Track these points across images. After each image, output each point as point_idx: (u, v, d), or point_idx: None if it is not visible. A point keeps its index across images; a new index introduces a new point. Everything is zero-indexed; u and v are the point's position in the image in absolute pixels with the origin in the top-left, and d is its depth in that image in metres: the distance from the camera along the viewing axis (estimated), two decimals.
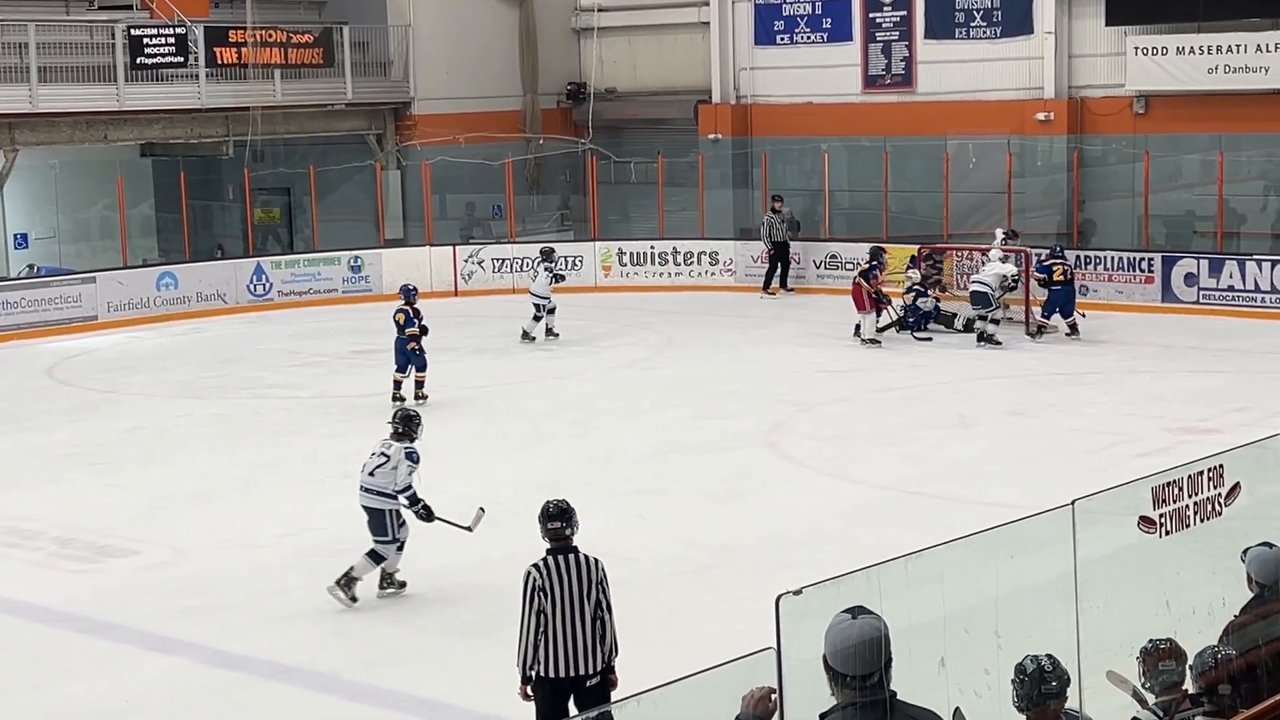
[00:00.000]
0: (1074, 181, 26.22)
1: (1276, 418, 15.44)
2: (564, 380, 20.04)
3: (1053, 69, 26.47)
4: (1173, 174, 25.91)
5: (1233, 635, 6.64)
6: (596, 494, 14.58)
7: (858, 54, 28.75)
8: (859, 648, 4.89)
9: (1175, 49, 25.10)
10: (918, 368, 20.44)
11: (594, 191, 29.51)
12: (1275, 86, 24.42)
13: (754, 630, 5.32)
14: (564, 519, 8.63)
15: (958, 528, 5.94)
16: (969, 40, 27.51)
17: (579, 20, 32.40)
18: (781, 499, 14.38)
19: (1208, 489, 6.12)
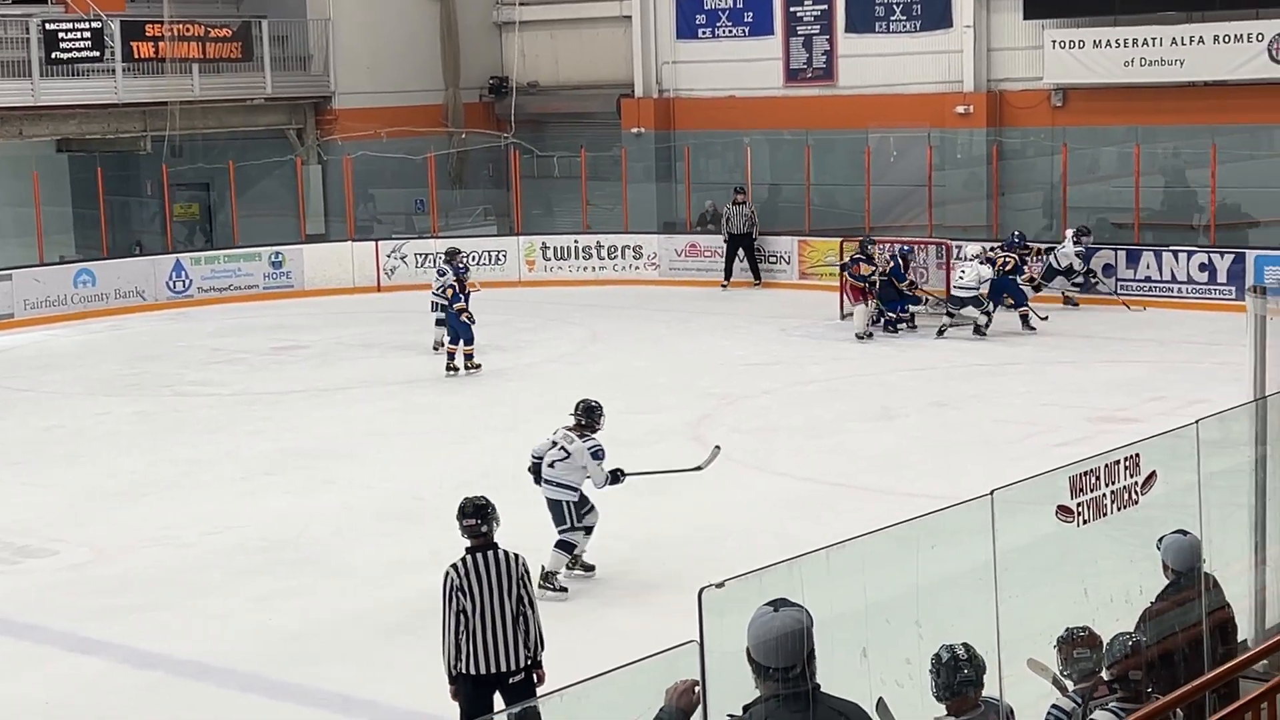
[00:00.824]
0: (993, 174, 26.45)
1: (1193, 407, 15.63)
2: (490, 376, 19.98)
3: (972, 62, 26.69)
4: (1090, 166, 26.20)
5: (1149, 623, 6.75)
6: (523, 489, 14.57)
7: (779, 48, 28.86)
8: (781, 640, 4.91)
9: (1092, 42, 25.38)
10: (841, 360, 20.55)
11: (517, 186, 29.46)
12: (1190, 79, 24.74)
13: (678, 623, 5.34)
14: (479, 516, 8.59)
15: (882, 519, 5.98)
16: (889, 34, 27.68)
17: (500, 14, 32.32)
18: (706, 492, 14.39)
19: (1124, 478, 6.20)
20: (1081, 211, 25.46)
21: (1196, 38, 24.51)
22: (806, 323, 23.19)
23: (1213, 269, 23.27)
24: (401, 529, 13.52)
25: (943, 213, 26.49)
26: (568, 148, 30.26)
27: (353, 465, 15.77)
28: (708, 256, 27.43)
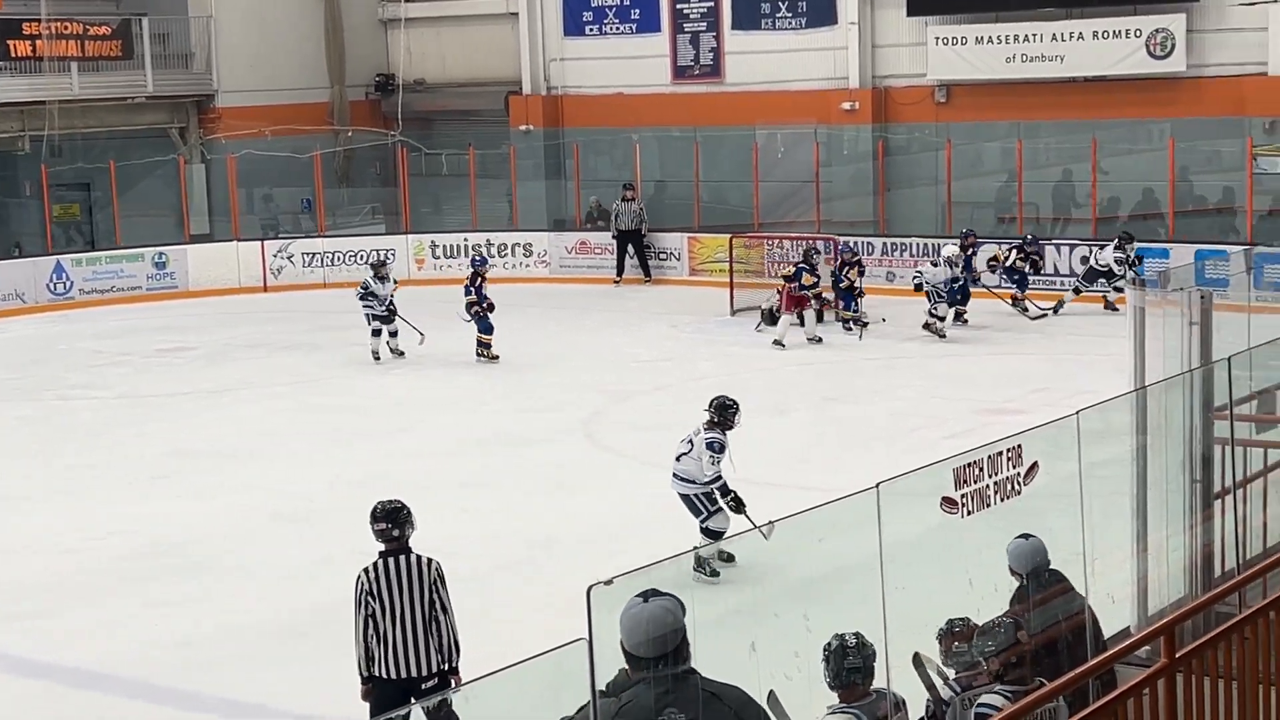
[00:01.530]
0: (879, 170, 26.72)
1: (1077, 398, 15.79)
2: (382, 375, 19.85)
3: (857, 59, 26.93)
4: (974, 161, 26.53)
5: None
6: (417, 489, 14.41)
7: (666, 45, 28.93)
8: (650, 629, 4.96)
9: (974, 39, 25.71)
10: (733, 356, 20.64)
11: (405, 184, 29.28)
12: (1071, 75, 25.15)
13: (574, 621, 5.34)
14: (390, 520, 8.44)
15: (775, 514, 6.02)
16: (775, 31, 27.85)
17: (385, 11, 32.10)
18: (600, 490, 14.44)
19: (1007, 469, 6.29)
20: (966, 206, 25.79)
21: (1076, 34, 24.92)
22: (698, 319, 23.28)
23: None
24: (293, 532, 13.39)
25: (830, 208, 26.70)
26: (456, 145, 30.14)
27: (243, 467, 15.59)
28: (598, 254, 27.45)
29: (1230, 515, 8.19)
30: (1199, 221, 24.19)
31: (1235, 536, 8.13)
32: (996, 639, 6.31)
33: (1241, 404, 8.40)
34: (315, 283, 27.15)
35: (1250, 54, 23.97)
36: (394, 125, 31.40)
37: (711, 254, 26.30)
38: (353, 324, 23.44)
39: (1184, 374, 7.97)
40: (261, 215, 29.80)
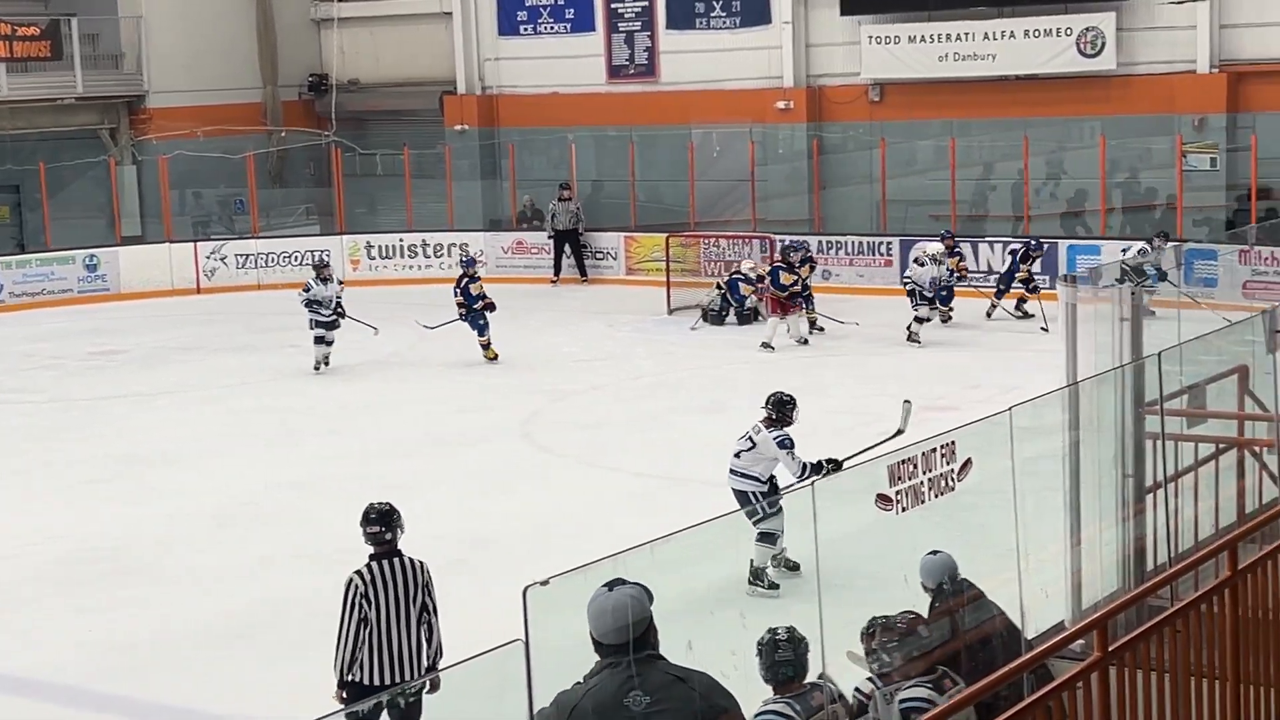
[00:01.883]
0: (814, 168, 26.82)
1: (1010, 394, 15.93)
2: (316, 377, 19.74)
3: (791, 58, 27.02)
4: (908, 159, 26.69)
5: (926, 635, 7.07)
6: (352, 491, 14.40)
7: (601, 44, 28.93)
8: (615, 617, 5.07)
9: (907, 38, 25.85)
10: (670, 354, 20.67)
11: (339, 184, 29.12)
12: (1003, 73, 25.34)
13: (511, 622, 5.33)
14: (384, 522, 8.36)
15: (711, 511, 6.04)
16: (709, 30, 27.91)
17: (318, 11, 31.92)
18: (538, 489, 14.42)
19: (941, 465, 6.33)
20: (900, 204, 25.94)
21: (1008, 33, 25.11)
22: (635, 318, 23.30)
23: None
24: (230, 535, 13.30)
25: (765, 207, 26.78)
26: (390, 145, 30.03)
27: (178, 471, 15.46)
28: (534, 254, 27.41)
29: (1162, 509, 8.28)
30: (1131, 218, 24.44)
31: (1167, 530, 8.22)
32: (898, 636, 6.34)
33: (1172, 399, 8.48)
34: (249, 284, 26.96)
35: (1179, 52, 24.24)
36: (328, 125, 31.23)
37: (648, 253, 26.32)
38: (288, 325, 23.31)
39: (1115, 369, 8.04)
40: (194, 216, 29.57)
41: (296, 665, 9.98)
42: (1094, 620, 5.60)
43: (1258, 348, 8.65)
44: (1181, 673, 5.80)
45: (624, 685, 5.07)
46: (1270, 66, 23.75)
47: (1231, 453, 9.28)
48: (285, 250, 27.46)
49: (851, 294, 24.06)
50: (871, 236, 25.16)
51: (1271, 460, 9.00)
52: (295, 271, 27.13)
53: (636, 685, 5.06)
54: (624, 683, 5.07)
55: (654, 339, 21.79)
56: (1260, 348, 8.62)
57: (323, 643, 8.64)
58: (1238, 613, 6.04)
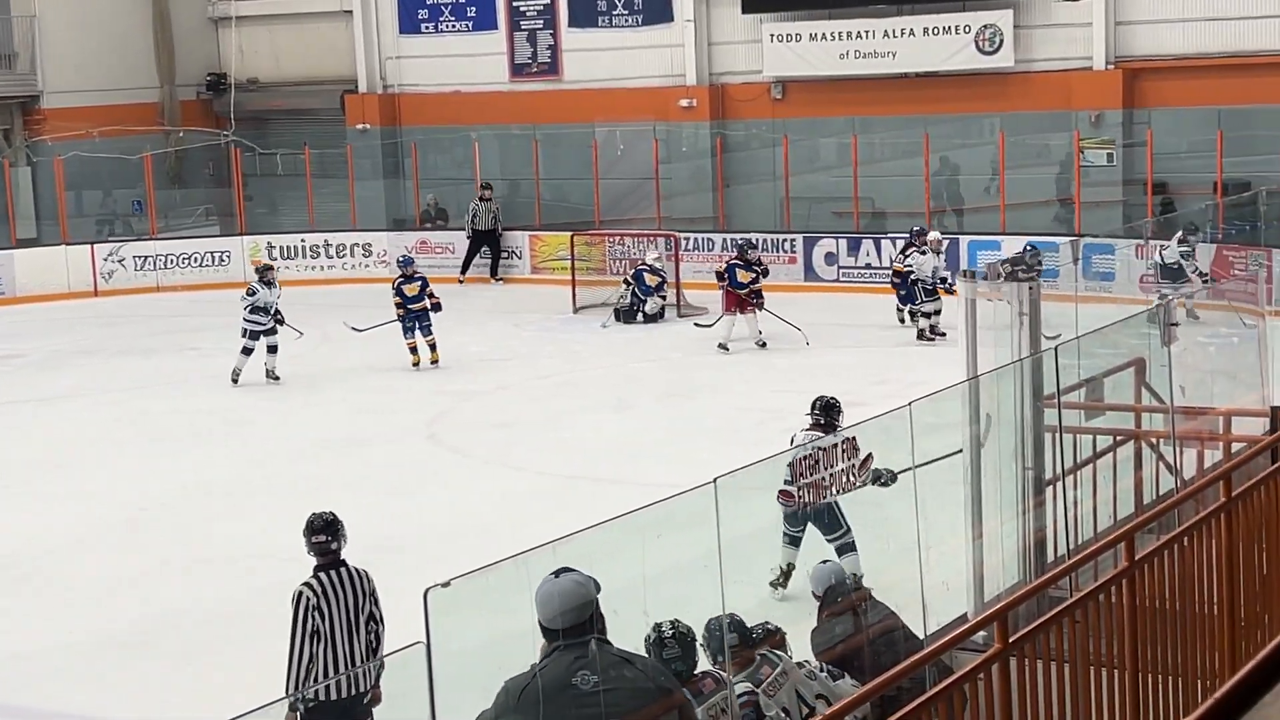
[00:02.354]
0: (718, 166, 26.89)
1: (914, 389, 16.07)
2: (215, 380, 19.48)
3: (693, 56, 27.08)
4: (811, 157, 26.82)
5: (817, 636, 7.25)
6: (252, 494, 14.30)
7: (503, 43, 28.83)
8: (562, 602, 5.15)
9: (808, 35, 25.99)
10: (576, 354, 20.64)
11: (239, 184, 28.80)
12: (903, 70, 25.54)
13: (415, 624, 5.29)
14: (329, 532, 8.17)
15: (617, 509, 6.02)
16: (612, 28, 27.90)
17: (216, 9, 31.56)
18: (444, 491, 14.34)
19: (843, 461, 6.37)
20: (803, 201, 26.05)
21: (908, 30, 25.31)
22: (541, 317, 23.23)
23: None
24: (126, 540, 13.12)
25: (670, 205, 26.82)
26: (291, 145, 29.74)
27: (75, 475, 15.22)
28: (439, 253, 27.25)
29: (1061, 501, 8.37)
30: (1030, 213, 24.72)
31: (1066, 522, 8.31)
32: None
33: (1070, 392, 8.57)
34: (148, 286, 26.59)
35: (1076, 49, 24.55)
36: (227, 125, 30.89)
37: (553, 252, 26.27)
38: (189, 327, 23.08)
39: (1014, 363, 8.12)
40: (99, 216, 29.12)
41: (199, 671, 9.87)
42: (994, 612, 5.65)
43: (1153, 340, 8.77)
44: (1081, 662, 5.86)
45: (572, 665, 5.14)
46: (1165, 63, 24.13)
47: (1129, 444, 9.41)
48: (185, 252, 27.11)
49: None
50: (775, 234, 25.26)
51: (1168, 451, 9.13)
52: (195, 273, 26.84)
53: (584, 665, 5.14)
54: (572, 663, 5.15)
55: (560, 338, 21.75)
56: (1156, 340, 8.74)
57: (225, 648, 8.56)
58: (1135, 602, 6.11)
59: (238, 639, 10.34)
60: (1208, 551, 6.56)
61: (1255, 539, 6.92)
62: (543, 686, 5.15)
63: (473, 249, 26.76)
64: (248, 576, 11.75)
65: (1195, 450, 9.26)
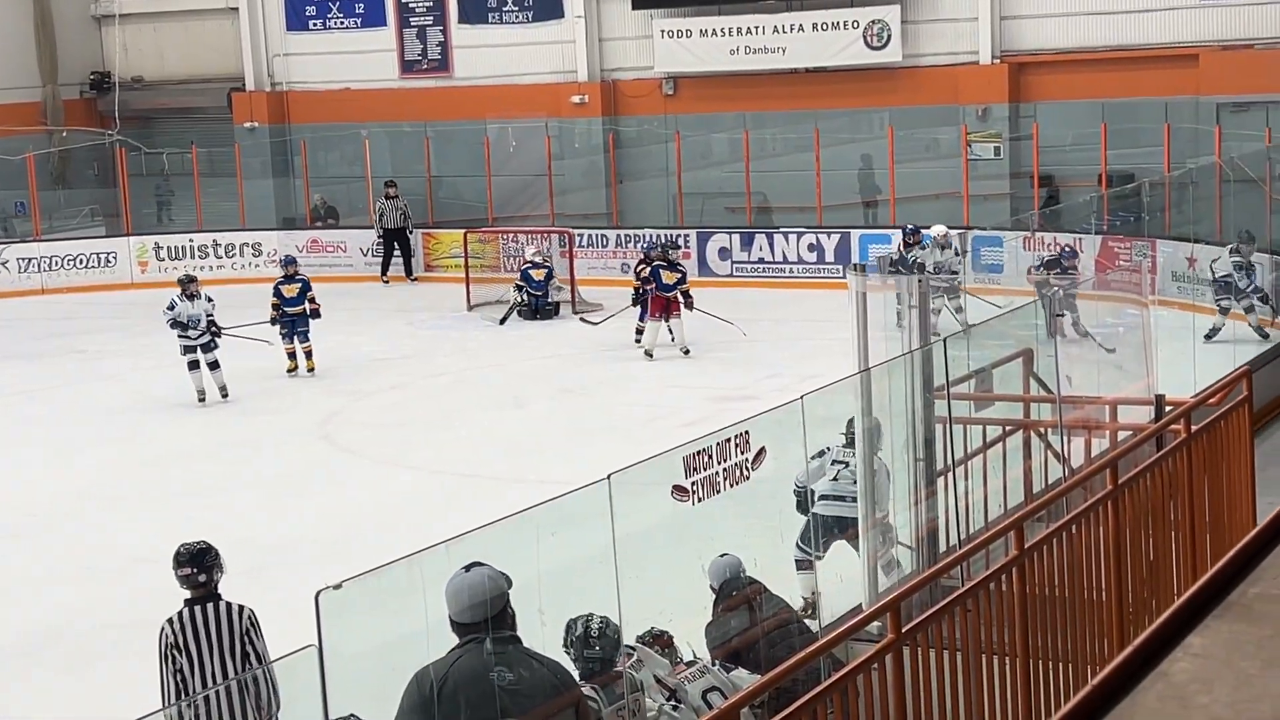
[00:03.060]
0: (611, 162, 26.90)
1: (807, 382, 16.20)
2: (105, 382, 19.18)
3: (585, 53, 27.06)
4: (703, 152, 26.91)
5: (712, 630, 7.18)
6: (145, 498, 14.10)
7: (393, 39, 28.64)
8: (471, 596, 5.15)
9: (699, 31, 26.07)
10: (470, 351, 20.55)
11: (125, 184, 28.36)
12: (793, 66, 25.69)
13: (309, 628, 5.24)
14: (196, 564, 7.47)
15: (512, 507, 6.00)
16: (502, 25, 27.81)
17: (99, 7, 31.04)
18: (339, 491, 14.22)
19: (735, 455, 6.39)
20: (696, 197, 26.13)
21: (797, 26, 25.47)
22: (434, 315, 23.10)
23: (821, 249, 24.22)
24: (13, 547, 12.86)
25: (563, 202, 26.79)
26: (178, 144, 29.33)
27: None
28: (330, 252, 27.01)
29: (952, 492, 8.46)
30: (920, 207, 24.97)
31: (957, 512, 8.40)
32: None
33: (959, 383, 8.67)
34: (33, 289, 26.10)
35: (962, 44, 24.84)
36: (111, 124, 30.42)
37: (446, 250, 26.14)
38: (75, 330, 22.70)
39: (904, 355, 8.19)
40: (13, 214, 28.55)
41: (86, 678, 9.70)
42: (887, 603, 5.69)
43: (1040, 331, 8.88)
44: (973, 650, 5.92)
45: (488, 660, 5.13)
46: (1050, 56, 24.47)
47: (1018, 434, 9.53)
48: (70, 253, 26.64)
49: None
50: (669, 229, 25.31)
51: (1056, 440, 9.26)
52: (81, 274, 26.39)
53: (501, 661, 5.14)
54: (486, 658, 5.14)
55: (454, 336, 21.64)
56: (1043, 331, 8.86)
57: (112, 654, 8.40)
58: (1026, 590, 6.18)
59: (127, 646, 10.18)
60: (1096, 538, 6.66)
61: (1141, 525, 7.03)
62: (459, 683, 5.13)
63: (387, 249, 26.29)
64: (138, 582, 11.57)
65: (1083, 439, 9.40)
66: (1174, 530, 7.31)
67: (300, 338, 18.93)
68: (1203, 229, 19.87)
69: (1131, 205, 21.13)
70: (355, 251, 26.81)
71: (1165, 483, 7.17)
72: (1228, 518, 7.74)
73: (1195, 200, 20.81)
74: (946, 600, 5.90)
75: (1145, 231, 19.80)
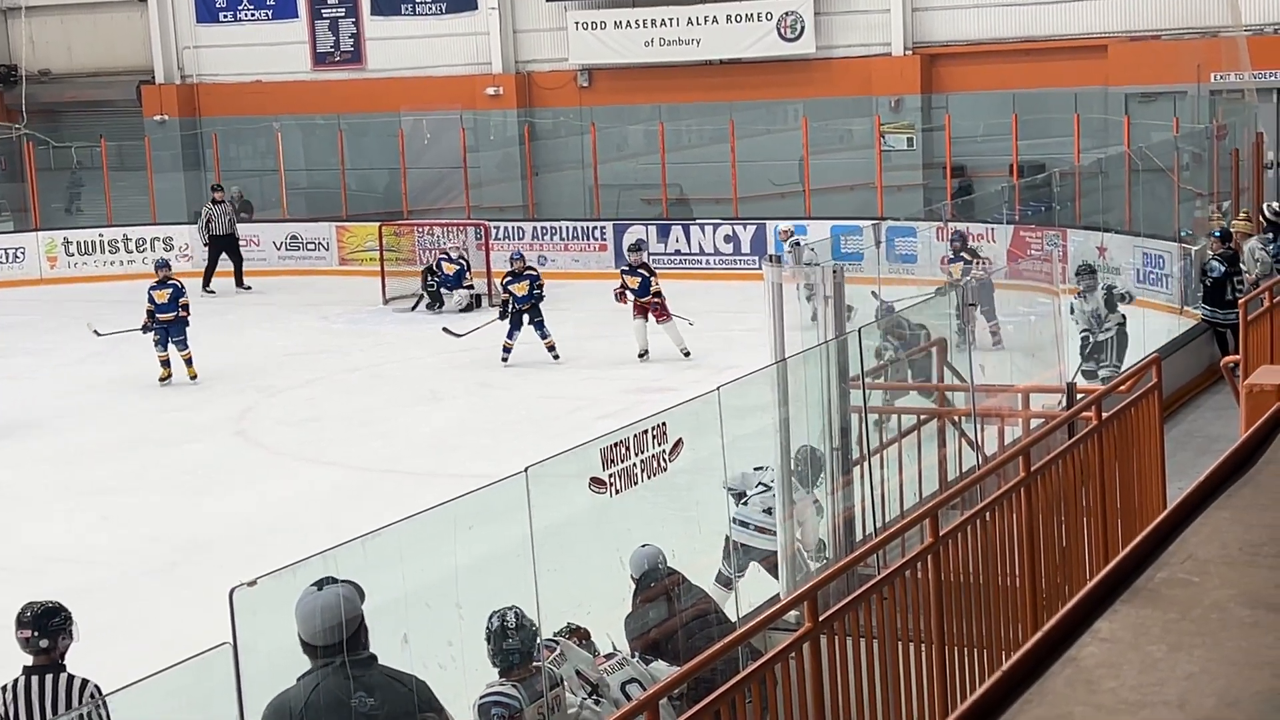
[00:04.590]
0: (526, 154, 26.85)
1: (724, 373, 16.27)
2: (12, 380, 18.89)
3: (499, 44, 26.99)
4: (619, 144, 26.92)
5: (631, 621, 7.20)
6: (56, 496, 13.91)
7: (305, 31, 28.43)
8: (324, 618, 5.02)
9: (613, 23, 26.07)
10: (386, 345, 20.44)
11: (33, 179, 27.94)
12: (707, 58, 25.76)
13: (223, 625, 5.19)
14: (37, 626, 6.63)
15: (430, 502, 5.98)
16: (416, 16, 27.69)
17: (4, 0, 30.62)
18: (255, 487, 14.09)
19: (653, 446, 6.40)
20: (613, 189, 26.13)
21: (711, 17, 25.54)
22: (348, 309, 22.95)
23: (737, 240, 24.32)
24: None
25: (479, 194, 26.72)
26: (87, 137, 28.94)
27: None
28: (243, 245, 26.73)
29: (868, 480, 8.52)
30: (834, 198, 25.11)
31: (873, 500, 8.46)
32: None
33: (874, 373, 8.73)
34: None
35: (875, 35, 25.01)
36: (18, 118, 29.94)
37: (361, 243, 25.96)
38: None
39: (820, 345, 8.24)
40: None
41: None
42: (804, 591, 5.72)
43: (953, 321, 8.96)
44: (890, 638, 5.97)
45: (346, 685, 5.01)
46: (961, 48, 24.69)
47: (932, 423, 9.61)
48: None
49: (567, 279, 24.14)
50: (585, 221, 25.31)
51: (969, 429, 9.35)
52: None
53: (360, 685, 5.02)
54: (344, 682, 5.01)
55: (369, 330, 21.51)
56: (955, 321, 8.93)
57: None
58: (941, 577, 6.24)
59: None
60: (1009, 525, 6.73)
61: (1054, 512, 7.12)
62: (319, 708, 4.98)
63: (213, 257, 25.10)
64: (50, 582, 11.40)
65: (996, 427, 9.50)
66: (1086, 516, 7.41)
67: (178, 345, 18.24)
68: (1113, 218, 20.13)
69: (1042, 195, 21.35)
70: (269, 245, 26.56)
71: (1077, 469, 7.26)
72: (1138, 503, 7.85)
73: (1105, 190, 21.08)
74: (863, 588, 5.95)
75: (1056, 221, 20.01)
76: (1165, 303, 17.57)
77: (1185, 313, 16.50)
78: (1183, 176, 20.17)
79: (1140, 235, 18.99)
